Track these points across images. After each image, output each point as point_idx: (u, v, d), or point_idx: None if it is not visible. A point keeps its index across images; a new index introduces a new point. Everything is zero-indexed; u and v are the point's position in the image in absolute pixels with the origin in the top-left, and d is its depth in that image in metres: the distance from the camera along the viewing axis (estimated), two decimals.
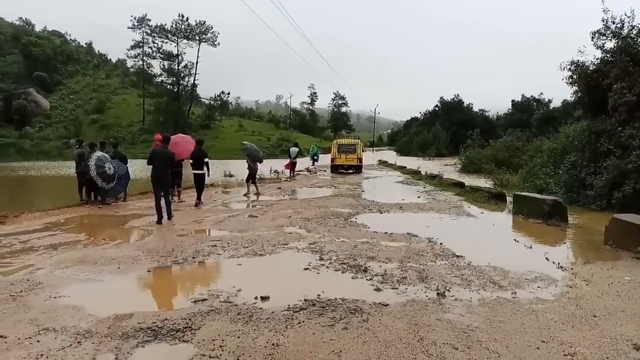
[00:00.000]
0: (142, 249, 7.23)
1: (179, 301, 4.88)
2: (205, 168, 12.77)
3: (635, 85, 12.07)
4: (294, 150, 23.90)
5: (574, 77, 14.31)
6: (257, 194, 15.72)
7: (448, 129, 64.08)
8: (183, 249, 7.19)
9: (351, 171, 27.46)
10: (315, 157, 32.15)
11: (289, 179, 22.46)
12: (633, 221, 7.50)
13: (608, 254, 7.34)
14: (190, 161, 12.96)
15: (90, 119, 74.80)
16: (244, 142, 17.24)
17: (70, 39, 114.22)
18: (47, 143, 64.66)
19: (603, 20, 13.51)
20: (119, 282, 5.63)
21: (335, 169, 27.78)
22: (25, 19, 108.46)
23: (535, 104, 61.70)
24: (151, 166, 9.93)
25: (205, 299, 4.85)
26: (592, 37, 13.80)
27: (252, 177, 16.02)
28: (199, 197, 12.90)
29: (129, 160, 13.91)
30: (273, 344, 3.72)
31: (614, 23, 13.41)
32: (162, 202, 9.88)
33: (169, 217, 10.08)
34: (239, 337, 3.85)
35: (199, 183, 13.02)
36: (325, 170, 29.06)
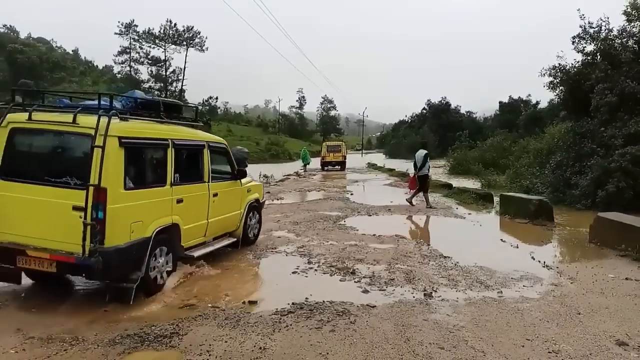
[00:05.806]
0: None
1: (166, 307, 4.85)
2: None
3: (616, 86, 12.29)
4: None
5: (555, 81, 14.59)
6: None
7: (436, 132, 64.43)
8: None
9: (337, 167, 33.76)
10: (307, 161, 32.76)
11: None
12: (616, 219, 7.63)
13: (593, 252, 7.45)
14: None
15: None
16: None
17: (56, 46, 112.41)
18: None
19: (581, 26, 13.83)
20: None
21: (325, 164, 34.15)
22: (10, 25, 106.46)
23: (522, 105, 62.20)
24: None
25: (192, 304, 4.84)
26: (573, 42, 14.12)
27: None
28: None
29: None
30: (260, 348, 3.72)
31: (591, 27, 13.73)
32: None
33: None
34: (226, 342, 3.85)
35: None
36: (314, 174, 29.13)
